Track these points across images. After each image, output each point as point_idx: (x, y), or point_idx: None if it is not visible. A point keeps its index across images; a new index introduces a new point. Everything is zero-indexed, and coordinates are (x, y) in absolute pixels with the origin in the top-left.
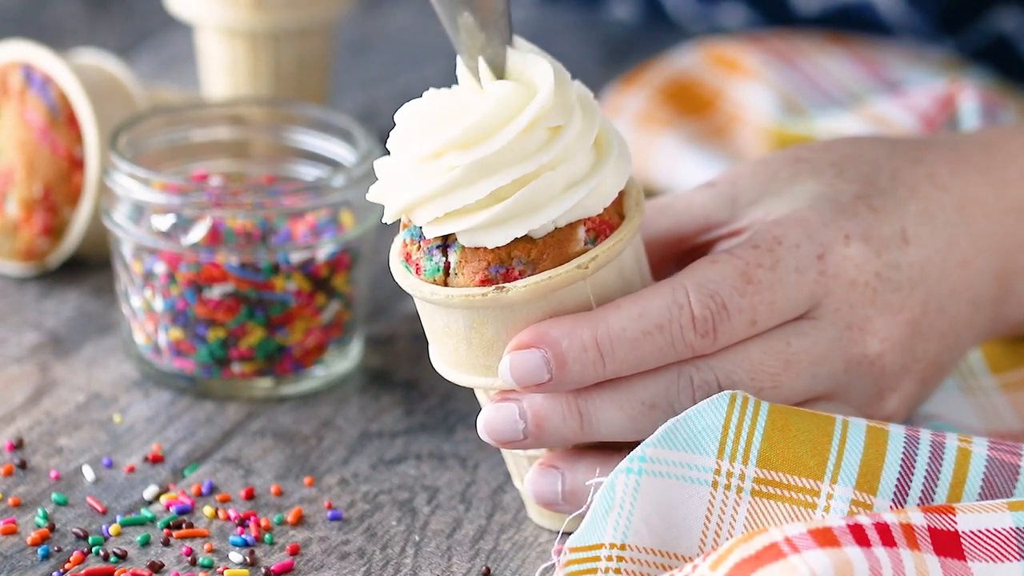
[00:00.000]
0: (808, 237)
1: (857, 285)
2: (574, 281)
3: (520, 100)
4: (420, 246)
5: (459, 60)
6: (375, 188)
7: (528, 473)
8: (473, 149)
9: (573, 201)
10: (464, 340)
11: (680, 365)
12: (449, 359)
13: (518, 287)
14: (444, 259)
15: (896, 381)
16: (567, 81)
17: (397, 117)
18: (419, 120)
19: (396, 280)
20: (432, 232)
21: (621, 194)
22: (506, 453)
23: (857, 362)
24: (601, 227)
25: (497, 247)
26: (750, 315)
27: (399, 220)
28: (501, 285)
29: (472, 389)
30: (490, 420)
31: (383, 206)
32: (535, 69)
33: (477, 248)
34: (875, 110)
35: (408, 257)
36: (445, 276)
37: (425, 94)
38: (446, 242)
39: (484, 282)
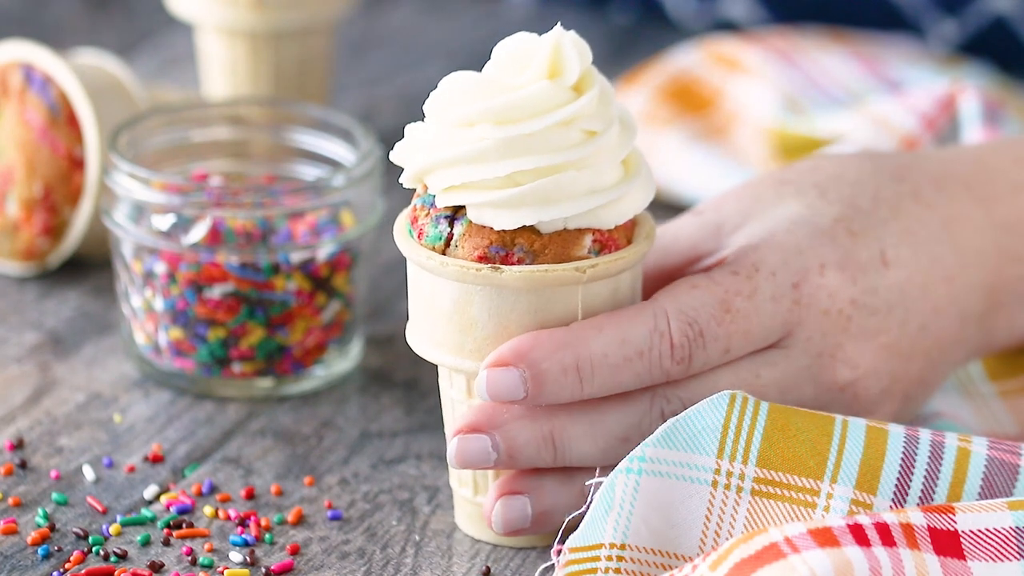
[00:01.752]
0: (784, 264)
1: (830, 314)
2: (568, 283)
3: (565, 96)
4: (429, 213)
5: None
6: (399, 147)
7: (496, 507)
8: (507, 127)
9: (589, 206)
10: (445, 315)
11: (652, 396)
12: (425, 332)
13: (513, 272)
14: (449, 230)
15: (874, 405)
16: (612, 95)
17: (441, 82)
18: (461, 87)
19: (396, 242)
20: (444, 201)
21: (634, 222)
22: None
23: (827, 389)
24: (608, 242)
25: (503, 230)
26: (725, 344)
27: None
28: (497, 265)
29: (437, 376)
30: (462, 451)
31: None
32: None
33: (483, 226)
34: (876, 110)
35: (414, 221)
36: (445, 246)
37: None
38: (455, 214)
39: (482, 259)
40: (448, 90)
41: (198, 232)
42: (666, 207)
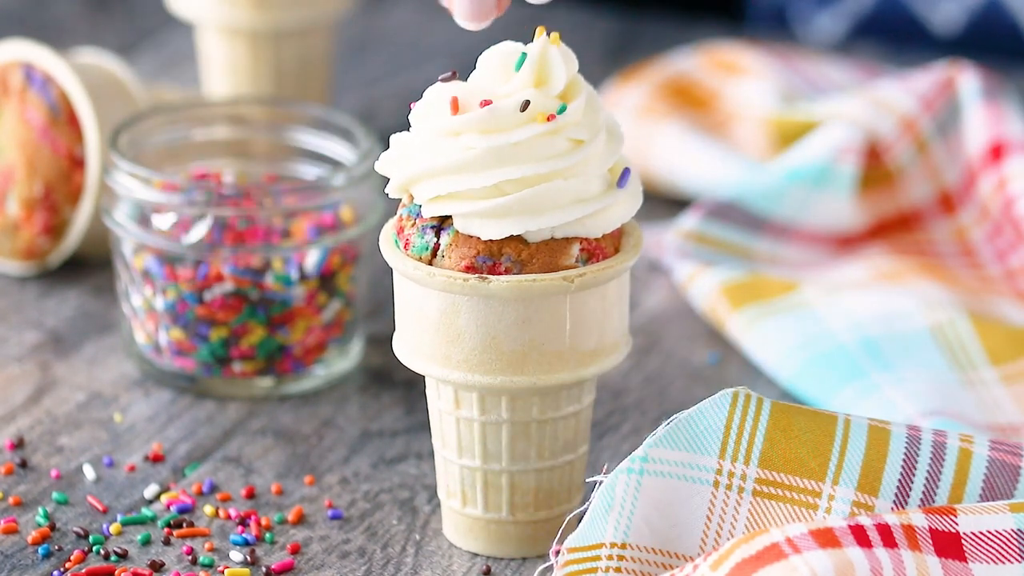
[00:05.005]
0: None
1: None
2: (556, 292)
3: (552, 104)
4: (415, 223)
5: None
6: (385, 157)
7: None
8: (493, 136)
9: (576, 215)
10: (432, 325)
11: None
12: (412, 343)
13: (500, 282)
14: (435, 240)
15: None
16: (599, 104)
17: (427, 91)
18: (447, 96)
19: (382, 252)
20: (430, 211)
21: (621, 231)
22: (439, 461)
23: None
24: (595, 251)
25: (490, 240)
26: None
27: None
28: (484, 276)
29: (425, 391)
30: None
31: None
32: (576, 80)
33: (470, 236)
34: (876, 93)
35: (400, 231)
36: (432, 256)
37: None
38: (441, 225)
39: (469, 269)
40: (433, 99)
41: (198, 231)
42: (665, 200)
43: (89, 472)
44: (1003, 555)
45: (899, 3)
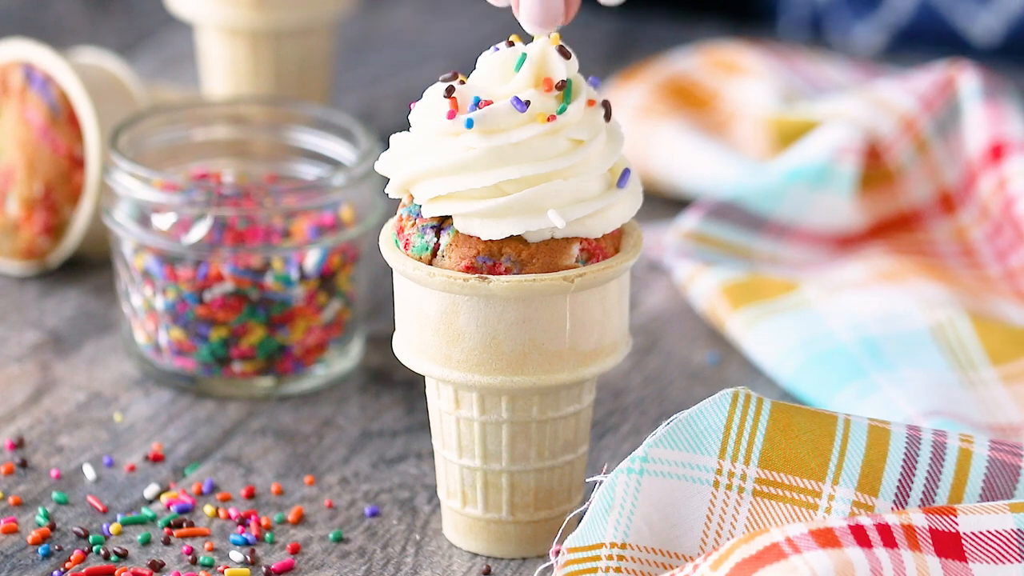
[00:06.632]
0: None
1: None
2: (556, 292)
3: (552, 104)
4: (415, 223)
5: None
6: (385, 157)
7: None
8: (493, 136)
9: (576, 215)
10: (432, 325)
11: None
12: (412, 343)
13: (500, 282)
14: (435, 240)
15: None
16: (599, 103)
17: (427, 91)
18: (447, 96)
19: (382, 252)
20: (430, 211)
21: (621, 231)
22: (439, 462)
23: None
24: (595, 251)
25: (490, 240)
26: None
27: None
28: (484, 276)
29: (425, 392)
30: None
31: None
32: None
33: (470, 236)
34: (876, 94)
35: (400, 231)
36: (432, 256)
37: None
38: (441, 225)
39: (469, 269)
40: (433, 99)
41: (198, 231)
42: (666, 200)
43: (89, 472)
44: (1003, 555)
45: (937, 13)
